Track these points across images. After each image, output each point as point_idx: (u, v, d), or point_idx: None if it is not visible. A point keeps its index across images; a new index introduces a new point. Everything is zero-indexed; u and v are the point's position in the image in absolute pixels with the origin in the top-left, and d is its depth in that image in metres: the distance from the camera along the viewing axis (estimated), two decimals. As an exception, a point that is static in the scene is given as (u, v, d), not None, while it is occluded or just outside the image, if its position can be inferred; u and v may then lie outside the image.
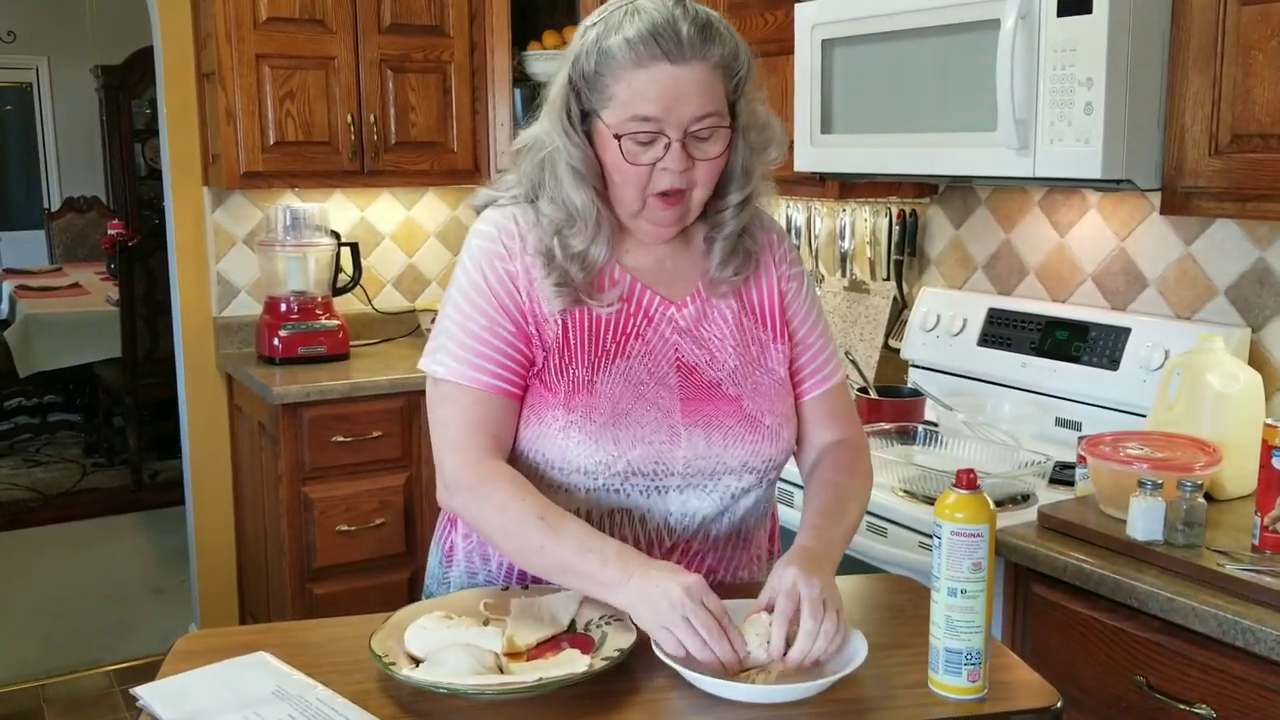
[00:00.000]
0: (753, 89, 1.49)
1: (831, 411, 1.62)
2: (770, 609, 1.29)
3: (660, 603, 1.26)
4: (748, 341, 1.55)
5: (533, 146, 1.50)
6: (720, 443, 1.49)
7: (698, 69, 1.40)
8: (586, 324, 1.49)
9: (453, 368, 1.48)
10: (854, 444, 1.62)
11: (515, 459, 1.50)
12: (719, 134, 1.44)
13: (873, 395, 2.59)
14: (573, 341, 1.48)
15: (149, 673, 1.32)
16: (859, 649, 1.27)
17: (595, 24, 1.45)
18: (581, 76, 1.44)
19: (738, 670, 1.25)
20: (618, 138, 1.42)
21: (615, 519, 1.50)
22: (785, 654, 1.25)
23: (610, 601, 1.33)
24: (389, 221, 3.95)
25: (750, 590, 1.40)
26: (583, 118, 1.46)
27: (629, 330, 1.51)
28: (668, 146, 1.41)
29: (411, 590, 3.33)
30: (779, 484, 1.64)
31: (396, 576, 3.34)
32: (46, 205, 9.24)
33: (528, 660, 1.30)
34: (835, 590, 1.33)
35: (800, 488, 1.64)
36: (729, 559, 1.57)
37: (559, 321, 1.48)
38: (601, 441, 1.45)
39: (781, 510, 1.78)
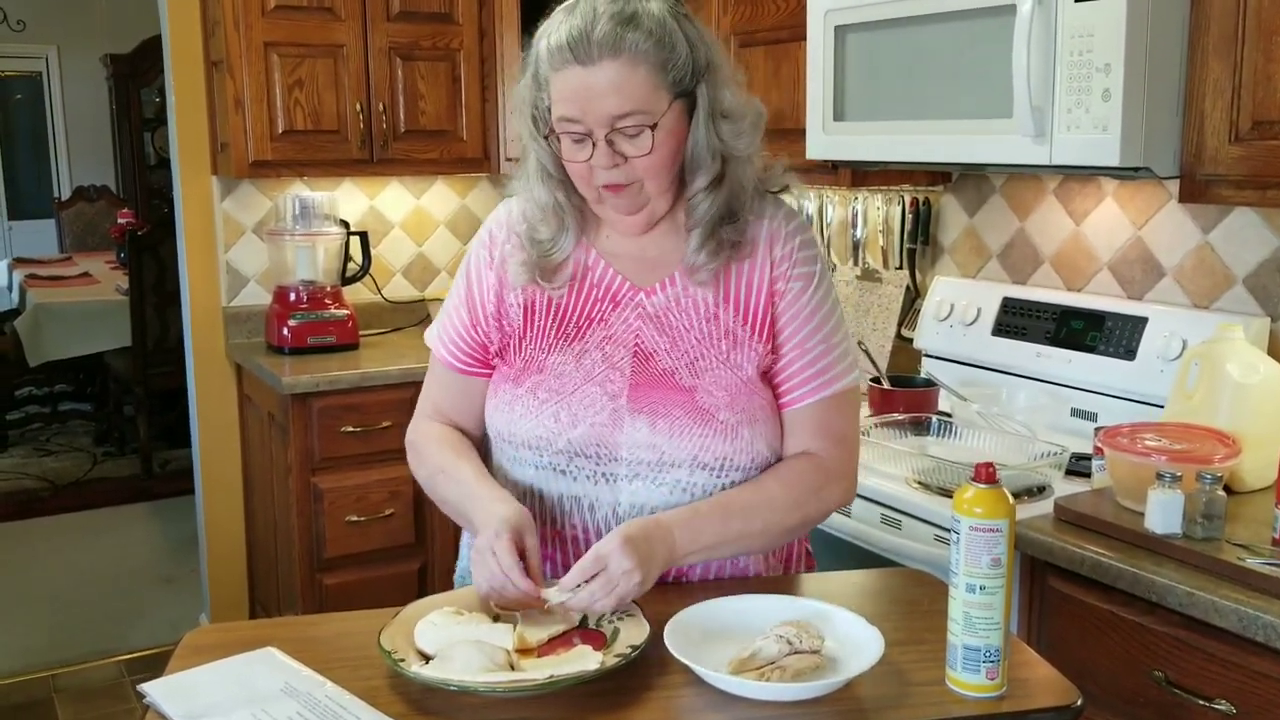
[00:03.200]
0: (719, 75, 1.47)
1: (816, 425, 1.53)
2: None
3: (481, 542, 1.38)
4: (719, 334, 1.52)
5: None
6: (665, 432, 1.47)
7: (609, 68, 1.40)
8: (551, 308, 1.55)
9: (434, 340, 1.66)
10: (819, 461, 1.52)
11: (486, 434, 1.62)
12: (645, 132, 1.42)
13: (885, 385, 2.57)
14: (536, 323, 1.55)
15: (159, 662, 1.31)
16: (875, 646, 1.25)
17: (545, 25, 1.47)
18: (534, 77, 1.48)
19: (537, 603, 1.33)
20: (555, 135, 1.46)
21: (564, 505, 1.52)
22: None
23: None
24: (398, 210, 3.93)
25: (751, 585, 1.42)
26: (549, 112, 1.48)
27: (592, 315, 1.54)
28: (595, 145, 1.43)
29: (422, 581, 3.32)
30: None
31: (406, 567, 3.33)
32: (57, 194, 9.26)
33: (539, 657, 1.28)
34: (645, 572, 1.33)
35: None
36: None
37: (521, 305, 1.55)
38: (542, 417, 1.50)
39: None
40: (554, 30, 1.43)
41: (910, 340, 2.83)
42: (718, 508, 1.46)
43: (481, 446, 1.62)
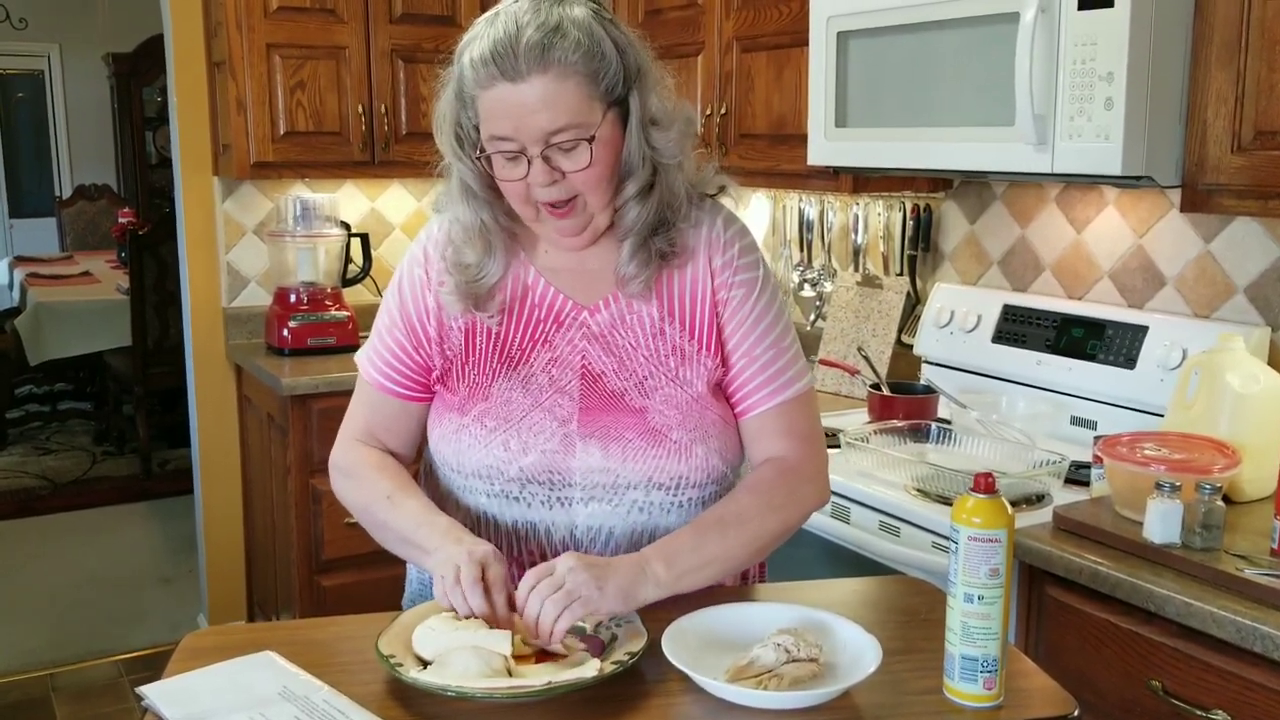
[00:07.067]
0: (648, 80, 1.43)
1: (778, 428, 1.51)
2: None
3: (446, 565, 1.33)
4: (666, 351, 1.48)
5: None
6: (619, 456, 1.45)
7: (538, 83, 1.34)
8: (492, 331, 1.49)
9: (363, 362, 1.58)
10: (787, 464, 1.50)
11: (429, 460, 1.58)
12: (581, 146, 1.37)
13: (885, 392, 2.57)
14: (478, 348, 1.50)
15: (157, 662, 1.32)
16: (873, 654, 1.25)
17: (466, 36, 1.42)
18: (458, 94, 1.43)
19: (508, 625, 1.30)
20: (486, 154, 1.41)
21: (519, 531, 1.49)
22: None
23: (426, 568, 1.44)
24: (399, 212, 3.93)
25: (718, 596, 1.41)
26: (476, 130, 1.43)
27: (536, 337, 1.49)
28: (530, 162, 1.38)
29: (420, 583, 3.32)
30: None
31: (404, 570, 3.32)
32: (58, 193, 9.26)
33: (537, 663, 1.28)
34: (601, 587, 1.29)
35: None
36: None
37: (462, 329, 1.50)
38: (491, 446, 1.46)
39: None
40: (476, 44, 1.38)
41: (910, 347, 2.83)
42: (690, 529, 1.42)
43: (411, 470, 1.58)
